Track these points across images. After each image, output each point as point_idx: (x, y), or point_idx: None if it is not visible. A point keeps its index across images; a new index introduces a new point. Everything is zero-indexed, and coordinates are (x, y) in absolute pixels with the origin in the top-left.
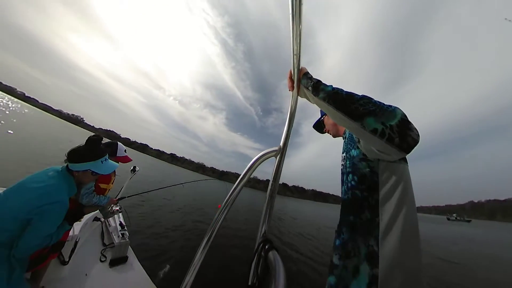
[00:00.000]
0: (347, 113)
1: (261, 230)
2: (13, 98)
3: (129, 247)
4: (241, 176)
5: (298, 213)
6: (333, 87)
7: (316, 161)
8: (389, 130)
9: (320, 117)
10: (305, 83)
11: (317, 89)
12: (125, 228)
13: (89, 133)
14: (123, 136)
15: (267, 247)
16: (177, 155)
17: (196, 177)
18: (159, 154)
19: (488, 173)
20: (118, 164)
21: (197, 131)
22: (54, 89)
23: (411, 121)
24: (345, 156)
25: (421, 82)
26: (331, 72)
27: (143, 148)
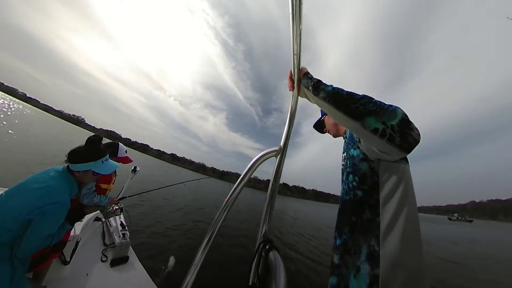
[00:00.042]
0: (348, 112)
1: (262, 230)
2: (15, 99)
3: (130, 247)
4: (241, 176)
5: (298, 213)
6: (334, 86)
7: (316, 161)
8: (390, 129)
9: (320, 117)
10: (305, 83)
11: (318, 89)
12: (126, 228)
13: (90, 133)
14: (124, 136)
15: (267, 247)
16: (177, 155)
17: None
18: (159, 154)
19: (489, 172)
20: (119, 164)
21: (198, 131)
22: (55, 89)
23: (411, 121)
24: (345, 156)
25: (422, 81)
26: (332, 72)
27: (143, 148)
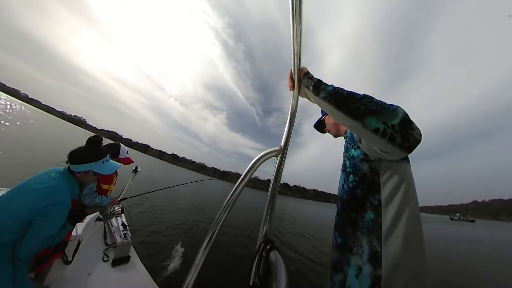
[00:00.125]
0: (348, 112)
1: (262, 230)
2: (17, 100)
3: (131, 247)
4: (242, 176)
5: (299, 213)
6: (334, 86)
7: (317, 161)
8: (390, 129)
9: (321, 116)
10: (305, 82)
11: (318, 88)
12: (127, 228)
13: (92, 134)
14: (125, 136)
15: (268, 247)
16: (178, 156)
17: (197, 177)
18: (160, 154)
19: (492, 172)
20: (120, 164)
21: (198, 131)
22: (57, 91)
23: (413, 120)
24: (346, 156)
25: (423, 81)
26: (332, 71)
27: (144, 148)
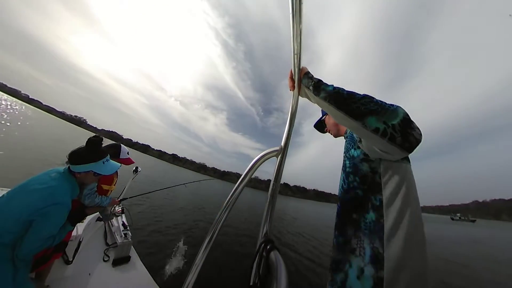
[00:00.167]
0: (348, 112)
1: (263, 230)
2: (18, 100)
3: (132, 247)
4: (242, 176)
5: (299, 213)
6: (334, 86)
7: (317, 161)
8: (391, 129)
9: (321, 116)
10: (306, 82)
11: (318, 88)
12: (128, 228)
13: (92, 134)
14: (125, 137)
15: (268, 247)
16: (178, 156)
17: (198, 177)
18: (160, 154)
19: (493, 172)
20: (120, 164)
21: (199, 131)
22: (57, 91)
23: (413, 120)
24: (346, 156)
25: (423, 81)
26: (332, 71)
27: (145, 148)
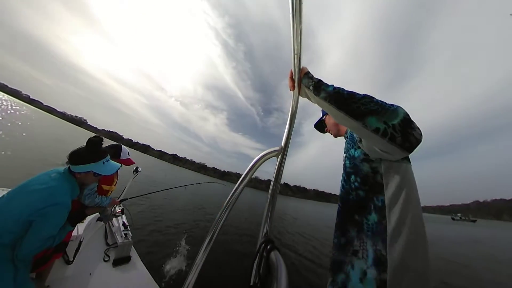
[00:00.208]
0: (349, 112)
1: (263, 230)
2: (19, 101)
3: (132, 247)
4: (242, 176)
5: (299, 213)
6: (334, 86)
7: (317, 161)
8: (391, 129)
9: (321, 116)
10: (306, 82)
11: (318, 88)
12: (128, 228)
13: (93, 134)
14: (125, 137)
15: (269, 247)
16: (179, 156)
17: (198, 177)
18: (161, 154)
19: (493, 172)
20: (120, 164)
21: (199, 131)
22: (58, 91)
23: (413, 120)
24: (346, 156)
25: (423, 81)
26: (332, 71)
27: (145, 148)
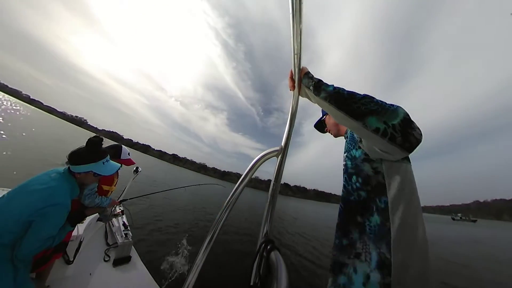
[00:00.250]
0: (349, 112)
1: (263, 230)
2: (19, 101)
3: (132, 247)
4: (242, 176)
5: (299, 213)
6: (334, 86)
7: (317, 161)
8: (391, 129)
9: (321, 116)
10: (306, 82)
11: (318, 88)
12: (128, 228)
13: (93, 134)
14: (125, 137)
15: (269, 247)
16: (179, 156)
17: (198, 177)
18: (161, 154)
19: (494, 172)
20: (120, 165)
21: (199, 131)
22: (58, 91)
23: (413, 120)
24: (347, 156)
25: (423, 81)
26: (332, 71)
27: (145, 148)
